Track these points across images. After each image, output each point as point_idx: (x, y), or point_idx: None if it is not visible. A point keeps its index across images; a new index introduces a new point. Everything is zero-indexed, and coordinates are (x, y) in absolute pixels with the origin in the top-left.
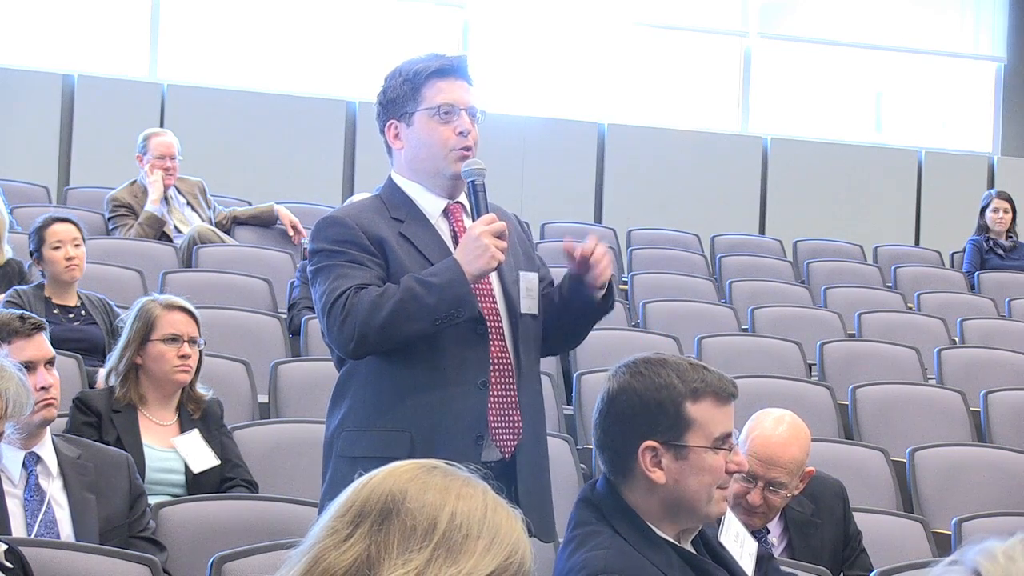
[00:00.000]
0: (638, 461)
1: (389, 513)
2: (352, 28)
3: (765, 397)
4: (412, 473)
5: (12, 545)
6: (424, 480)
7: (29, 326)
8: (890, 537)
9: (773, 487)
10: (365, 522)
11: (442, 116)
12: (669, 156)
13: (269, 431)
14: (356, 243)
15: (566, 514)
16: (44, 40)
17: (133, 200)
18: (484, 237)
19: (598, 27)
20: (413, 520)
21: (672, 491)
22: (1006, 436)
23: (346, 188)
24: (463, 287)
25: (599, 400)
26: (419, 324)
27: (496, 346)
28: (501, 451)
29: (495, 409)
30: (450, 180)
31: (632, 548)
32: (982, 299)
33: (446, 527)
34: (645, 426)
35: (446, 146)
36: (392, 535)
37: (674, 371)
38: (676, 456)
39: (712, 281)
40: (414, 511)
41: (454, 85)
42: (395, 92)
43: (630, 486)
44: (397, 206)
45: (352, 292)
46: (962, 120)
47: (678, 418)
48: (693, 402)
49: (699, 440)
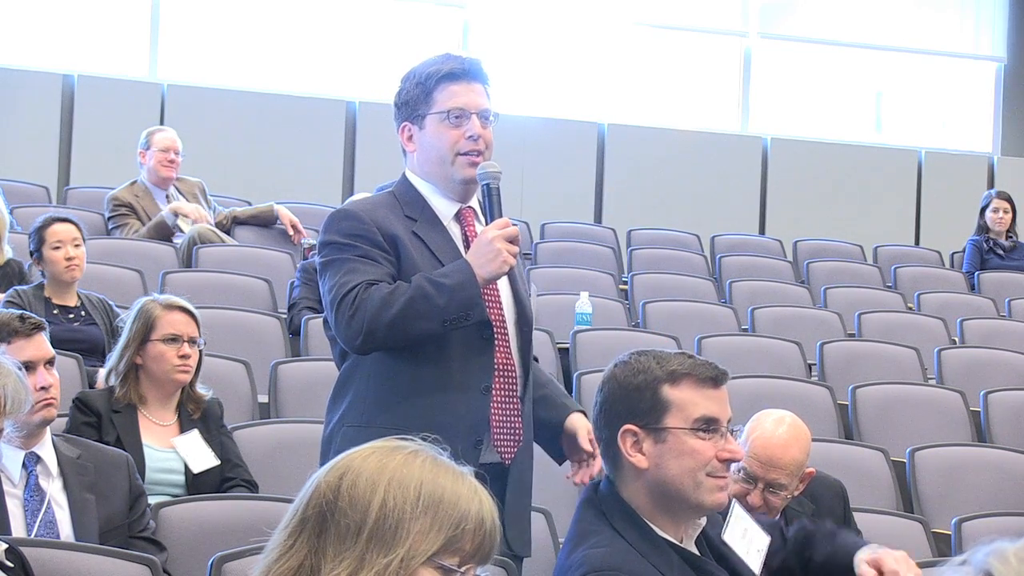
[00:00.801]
0: (620, 447)
1: (325, 517)
2: (352, 28)
3: (765, 397)
4: (346, 466)
5: (12, 545)
6: (357, 471)
7: (29, 326)
8: (890, 537)
9: (773, 488)
10: (305, 530)
11: (452, 120)
12: (669, 156)
13: (269, 431)
14: (369, 238)
15: (567, 515)
16: (44, 40)
17: (134, 200)
18: (497, 241)
19: (598, 27)
20: (346, 519)
21: (655, 476)
22: (1006, 436)
23: (346, 188)
24: (474, 289)
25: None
26: (428, 324)
27: (502, 352)
28: (501, 456)
29: (498, 414)
30: (460, 185)
31: (631, 547)
32: (982, 299)
33: (375, 519)
34: (624, 411)
35: (455, 150)
36: (328, 539)
37: (654, 358)
38: (656, 440)
39: (712, 281)
40: (346, 509)
41: (466, 88)
42: (408, 95)
43: (622, 479)
44: (411, 205)
45: (362, 287)
46: (962, 120)
47: (655, 401)
48: (671, 385)
49: (677, 422)
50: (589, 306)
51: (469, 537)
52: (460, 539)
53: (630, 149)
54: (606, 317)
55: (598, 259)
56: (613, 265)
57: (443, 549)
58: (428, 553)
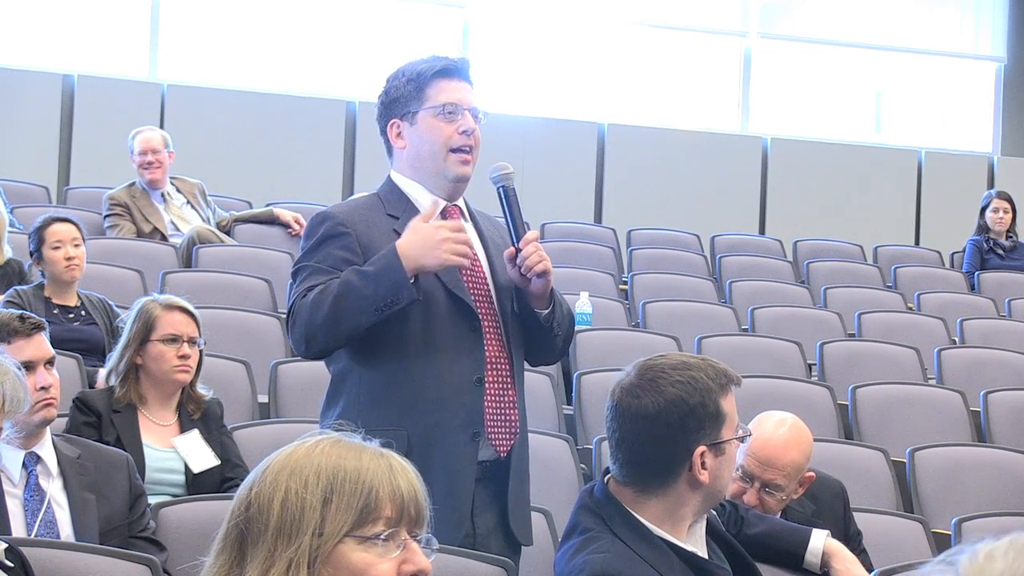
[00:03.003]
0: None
1: (240, 529)
2: (352, 28)
3: (765, 397)
4: (253, 478)
5: (12, 545)
6: (262, 478)
7: (29, 326)
8: (890, 537)
9: (769, 489)
10: (227, 547)
11: (446, 115)
12: (669, 156)
13: (269, 431)
14: (339, 240)
15: (567, 515)
16: (44, 40)
17: (130, 200)
18: (442, 231)
19: (598, 27)
20: (256, 524)
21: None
22: (1006, 436)
23: (346, 188)
24: (398, 273)
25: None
26: (361, 316)
27: (493, 345)
28: (496, 450)
29: (492, 407)
30: (451, 182)
31: (632, 551)
32: (982, 299)
33: (278, 515)
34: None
35: (448, 145)
36: (246, 548)
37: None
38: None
39: (712, 281)
40: (255, 516)
41: (458, 85)
42: (398, 92)
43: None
44: (394, 204)
45: (300, 296)
46: (962, 120)
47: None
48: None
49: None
50: (589, 306)
51: (387, 503)
52: (376, 508)
53: (630, 149)
54: (606, 317)
55: (598, 259)
56: (613, 265)
57: (360, 522)
58: (342, 531)
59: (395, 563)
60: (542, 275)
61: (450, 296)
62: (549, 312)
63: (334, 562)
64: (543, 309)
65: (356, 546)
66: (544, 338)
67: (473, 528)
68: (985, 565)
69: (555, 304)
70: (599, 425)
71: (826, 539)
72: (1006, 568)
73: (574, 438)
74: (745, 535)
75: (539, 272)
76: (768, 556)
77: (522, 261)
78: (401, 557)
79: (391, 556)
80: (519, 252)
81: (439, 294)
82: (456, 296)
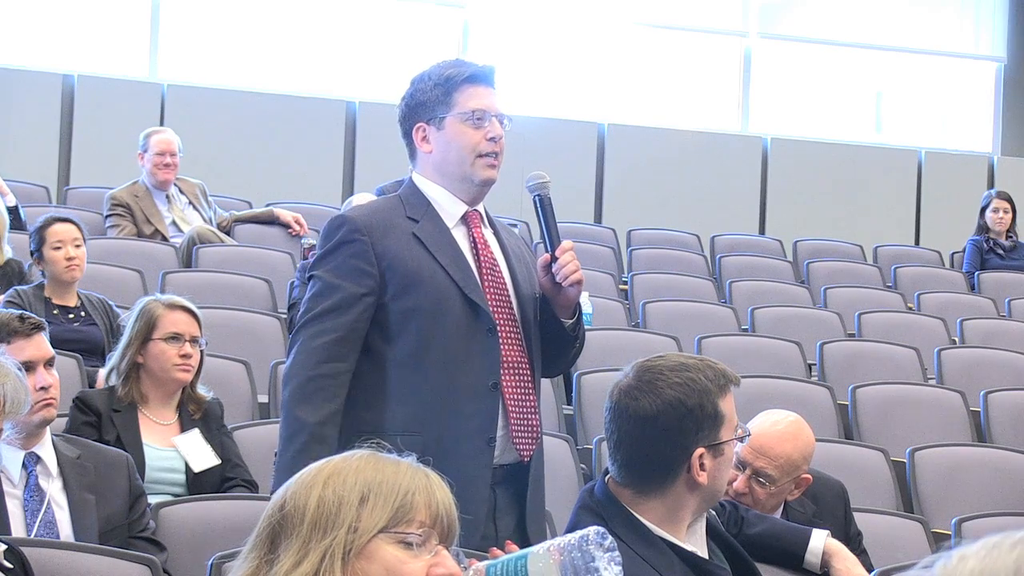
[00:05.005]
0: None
1: (274, 529)
2: (352, 28)
3: (765, 397)
4: (287, 485)
5: (12, 545)
6: (297, 484)
7: (29, 326)
8: (890, 537)
9: (760, 478)
10: (258, 545)
11: (475, 121)
12: (669, 156)
13: (269, 431)
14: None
15: (566, 514)
16: (44, 40)
17: (132, 200)
18: None
19: (598, 27)
20: (290, 521)
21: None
22: (1006, 436)
23: (346, 188)
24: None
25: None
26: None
27: (514, 350)
28: (520, 453)
29: (515, 411)
30: (477, 187)
31: (632, 551)
32: (982, 299)
33: (315, 510)
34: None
35: (476, 151)
36: (279, 545)
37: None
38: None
39: (712, 281)
40: (289, 514)
41: (485, 91)
42: (425, 95)
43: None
44: (415, 207)
45: (307, 337)
46: (962, 120)
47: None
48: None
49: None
50: (589, 306)
51: (423, 508)
52: (412, 511)
53: (630, 149)
54: (606, 317)
55: (598, 259)
56: (613, 265)
57: (395, 521)
58: (377, 526)
59: (426, 565)
60: (575, 284)
61: (465, 300)
62: (575, 321)
63: (367, 555)
64: (569, 319)
65: (390, 542)
66: (562, 348)
67: (495, 530)
68: (958, 566)
69: (580, 314)
70: (599, 425)
71: (826, 539)
72: (977, 565)
73: (574, 438)
74: (745, 535)
75: (574, 281)
76: (768, 556)
77: (558, 270)
78: (432, 561)
79: (423, 558)
80: (554, 260)
81: (454, 298)
82: (471, 300)
